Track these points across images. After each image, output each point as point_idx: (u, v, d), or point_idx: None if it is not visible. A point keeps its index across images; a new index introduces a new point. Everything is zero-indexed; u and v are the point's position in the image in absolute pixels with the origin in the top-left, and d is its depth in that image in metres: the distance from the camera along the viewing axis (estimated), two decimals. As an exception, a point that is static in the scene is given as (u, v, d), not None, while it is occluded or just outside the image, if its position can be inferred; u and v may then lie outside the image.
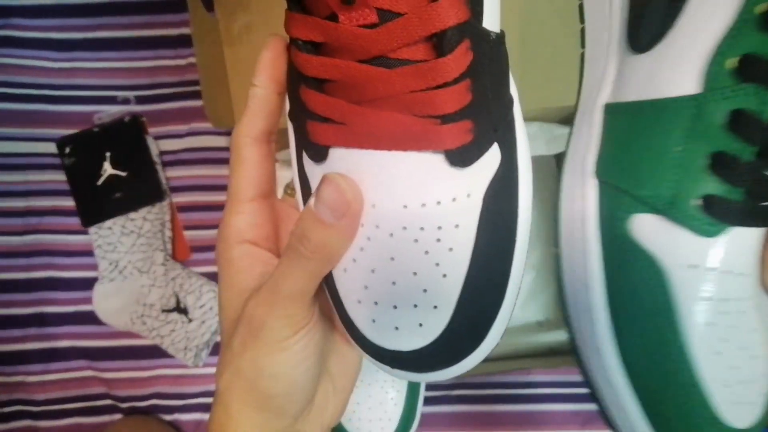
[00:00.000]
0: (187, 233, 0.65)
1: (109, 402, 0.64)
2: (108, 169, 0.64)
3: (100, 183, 0.64)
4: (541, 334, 0.55)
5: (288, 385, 0.22)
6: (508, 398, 0.61)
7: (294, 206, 0.25)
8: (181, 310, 0.62)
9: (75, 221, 0.64)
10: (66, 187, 0.65)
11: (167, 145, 0.65)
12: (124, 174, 0.64)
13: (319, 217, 0.20)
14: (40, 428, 0.63)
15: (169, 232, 0.64)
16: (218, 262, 0.24)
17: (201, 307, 0.62)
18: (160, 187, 0.64)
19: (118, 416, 0.63)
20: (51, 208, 0.65)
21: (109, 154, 0.64)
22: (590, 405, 0.60)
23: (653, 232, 0.20)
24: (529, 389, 0.61)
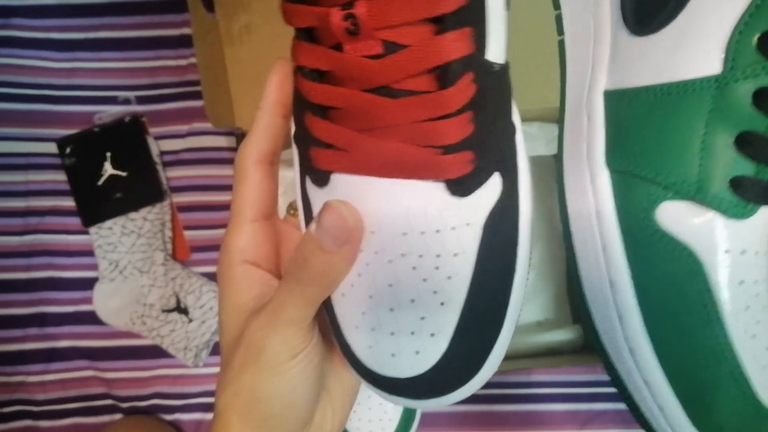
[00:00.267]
0: (187, 233, 0.65)
1: (110, 402, 0.64)
2: (108, 170, 0.64)
3: (100, 183, 0.64)
4: (541, 334, 0.55)
5: (286, 406, 0.23)
6: (508, 398, 0.61)
7: (296, 227, 0.26)
8: (181, 310, 0.62)
9: (75, 221, 0.64)
10: (66, 187, 0.65)
11: (167, 145, 0.65)
12: (124, 174, 0.64)
13: (320, 243, 0.20)
14: (41, 428, 0.63)
15: (169, 232, 0.64)
16: (219, 281, 0.24)
17: (201, 307, 0.62)
18: (161, 187, 0.64)
19: (119, 416, 0.63)
20: (51, 208, 0.65)
21: (109, 154, 0.64)
22: (590, 405, 0.60)
23: (683, 219, 0.19)
24: (529, 389, 0.61)
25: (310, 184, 0.22)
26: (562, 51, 0.24)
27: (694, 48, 0.19)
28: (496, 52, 0.21)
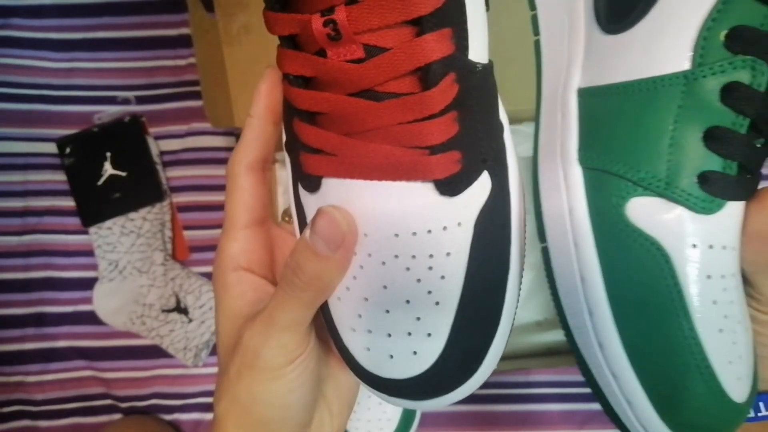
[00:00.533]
0: (187, 233, 0.65)
1: (109, 402, 0.64)
2: (108, 169, 0.64)
3: (100, 183, 0.64)
4: (540, 334, 0.55)
5: (283, 411, 0.23)
6: (507, 398, 0.61)
7: (291, 232, 0.26)
8: (180, 310, 0.62)
9: (74, 221, 0.64)
10: (65, 187, 0.65)
11: (167, 145, 0.65)
12: (124, 174, 0.64)
13: (314, 249, 0.20)
14: (40, 428, 0.63)
15: (169, 232, 0.64)
16: (214, 288, 0.24)
17: (201, 307, 0.62)
18: (160, 187, 0.64)
19: (118, 416, 0.63)
20: (49, 208, 0.65)
21: (109, 154, 0.64)
22: (588, 405, 0.60)
23: (652, 214, 0.19)
24: (528, 389, 0.61)
25: (302, 190, 0.22)
26: (537, 51, 0.24)
27: (663, 45, 0.19)
28: (478, 52, 0.21)
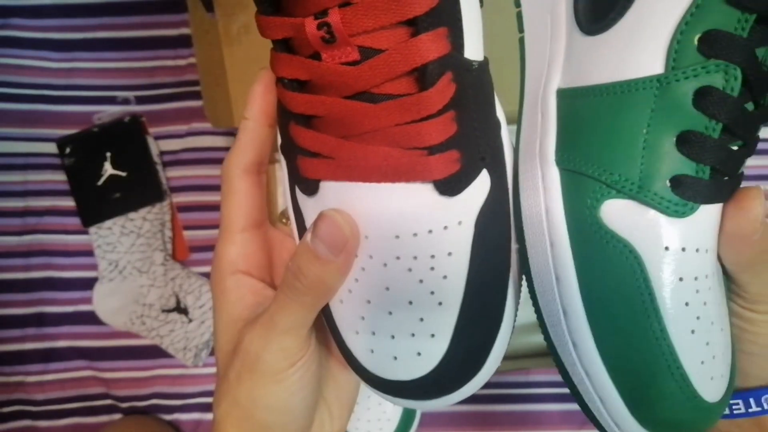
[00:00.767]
0: (187, 233, 0.65)
1: (109, 402, 0.64)
2: (108, 169, 0.64)
3: (100, 183, 0.64)
4: (540, 334, 0.55)
5: (284, 414, 0.23)
6: (507, 398, 0.61)
7: (288, 234, 0.26)
8: (180, 310, 0.62)
9: (73, 221, 0.64)
10: (65, 187, 0.65)
11: (167, 145, 0.65)
12: (124, 174, 0.64)
13: (316, 252, 0.20)
14: (39, 428, 0.63)
15: (168, 232, 0.64)
16: (213, 293, 0.24)
17: (201, 307, 0.62)
18: (160, 187, 0.64)
19: (118, 416, 0.63)
20: (49, 208, 0.65)
21: (109, 154, 0.64)
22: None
23: (625, 217, 0.19)
24: (528, 389, 0.61)
25: (300, 193, 0.22)
26: (522, 49, 0.24)
27: (638, 48, 0.19)
28: (473, 50, 0.21)
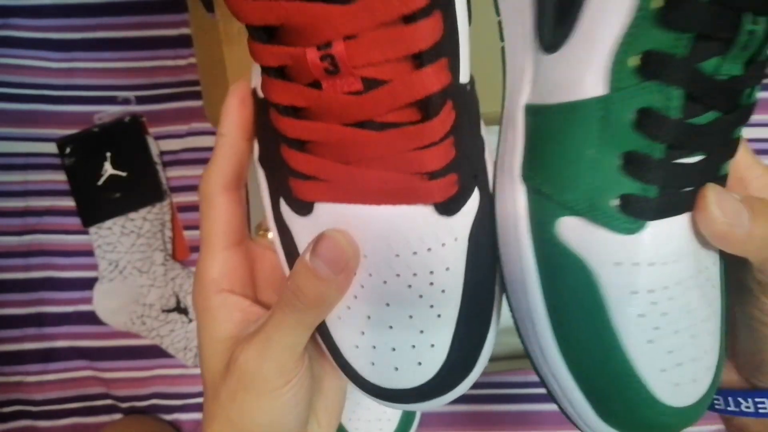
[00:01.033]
0: (187, 233, 0.65)
1: (109, 402, 0.64)
2: (108, 169, 0.64)
3: (100, 183, 0.64)
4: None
5: (279, 430, 0.23)
6: (507, 398, 0.61)
7: (267, 247, 0.26)
8: (180, 310, 0.62)
9: (73, 221, 0.64)
10: (65, 187, 0.64)
11: (167, 145, 0.65)
12: (124, 174, 0.64)
13: (316, 272, 0.20)
14: (39, 428, 0.63)
15: (169, 232, 0.64)
16: (196, 312, 0.24)
17: (200, 307, 0.62)
18: (160, 187, 0.64)
19: (118, 416, 0.63)
20: (49, 208, 0.65)
21: (109, 154, 0.64)
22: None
23: (577, 234, 0.20)
24: (528, 389, 0.61)
25: (288, 211, 0.22)
26: (503, 59, 0.24)
27: (583, 69, 0.19)
28: (465, 72, 0.21)
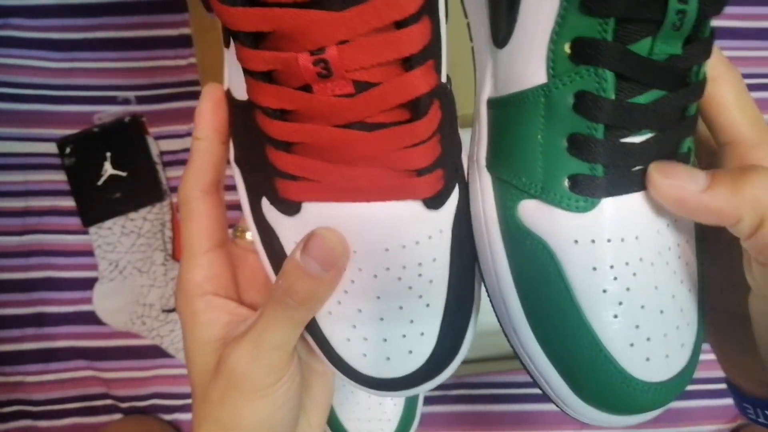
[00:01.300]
0: (187, 233, 0.65)
1: (109, 402, 0.64)
2: (108, 170, 0.64)
3: (100, 183, 0.64)
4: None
5: (270, 429, 0.23)
6: (507, 398, 0.61)
7: (248, 249, 0.26)
8: (180, 310, 0.62)
9: (73, 221, 0.64)
10: (65, 187, 0.65)
11: (167, 145, 0.65)
12: (124, 174, 0.64)
13: (306, 269, 0.20)
14: (39, 428, 0.63)
15: (169, 232, 0.64)
16: (180, 317, 0.24)
17: (200, 307, 0.62)
18: (160, 187, 0.64)
19: (118, 416, 0.63)
20: (49, 208, 0.65)
21: (109, 154, 0.64)
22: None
23: (536, 215, 0.21)
24: (528, 389, 0.61)
25: (273, 212, 0.22)
26: (473, 58, 0.25)
27: (526, 60, 0.21)
28: (444, 73, 0.22)
